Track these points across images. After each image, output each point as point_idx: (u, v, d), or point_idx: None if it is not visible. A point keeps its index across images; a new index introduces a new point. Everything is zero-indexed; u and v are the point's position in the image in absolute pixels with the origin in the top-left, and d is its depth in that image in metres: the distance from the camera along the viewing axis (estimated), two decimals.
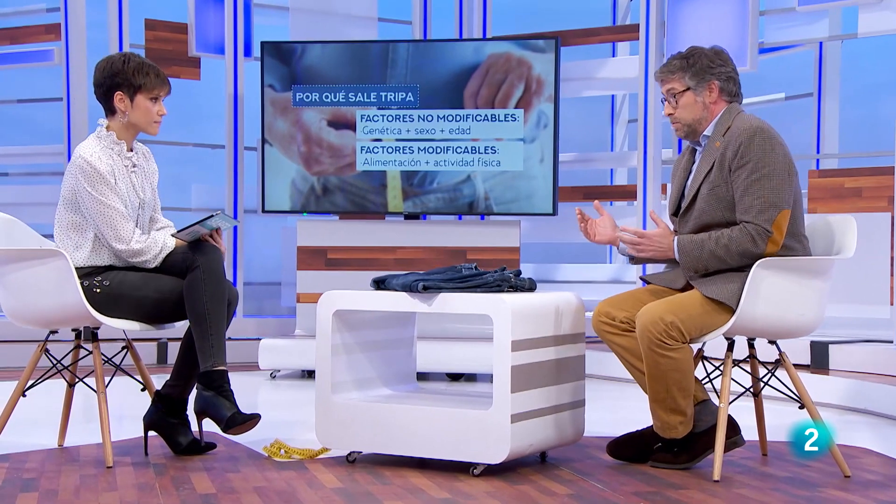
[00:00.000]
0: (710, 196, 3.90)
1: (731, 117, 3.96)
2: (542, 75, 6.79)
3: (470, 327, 6.77)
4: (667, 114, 4.05)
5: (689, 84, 3.98)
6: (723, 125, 3.95)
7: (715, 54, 4.01)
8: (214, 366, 3.93)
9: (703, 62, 3.98)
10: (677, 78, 4.00)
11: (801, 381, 3.99)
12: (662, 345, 3.77)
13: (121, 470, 3.86)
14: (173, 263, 4.02)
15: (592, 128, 9.34)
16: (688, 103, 3.99)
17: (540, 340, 3.87)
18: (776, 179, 3.82)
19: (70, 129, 7.82)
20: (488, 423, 3.74)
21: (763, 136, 3.85)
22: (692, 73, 3.98)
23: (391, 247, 7.00)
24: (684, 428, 3.91)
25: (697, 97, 3.98)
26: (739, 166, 3.84)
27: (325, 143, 7.00)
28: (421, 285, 3.83)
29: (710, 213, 3.90)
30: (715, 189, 3.89)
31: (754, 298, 3.76)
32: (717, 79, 3.98)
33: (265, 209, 7.17)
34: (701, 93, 3.97)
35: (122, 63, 4.05)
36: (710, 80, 3.97)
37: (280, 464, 3.99)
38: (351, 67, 6.94)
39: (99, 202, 3.94)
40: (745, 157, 3.83)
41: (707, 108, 3.98)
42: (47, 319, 4.02)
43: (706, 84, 3.97)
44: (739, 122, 3.92)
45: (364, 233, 7.03)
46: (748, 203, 3.81)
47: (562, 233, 8.15)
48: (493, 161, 6.85)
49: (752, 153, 3.82)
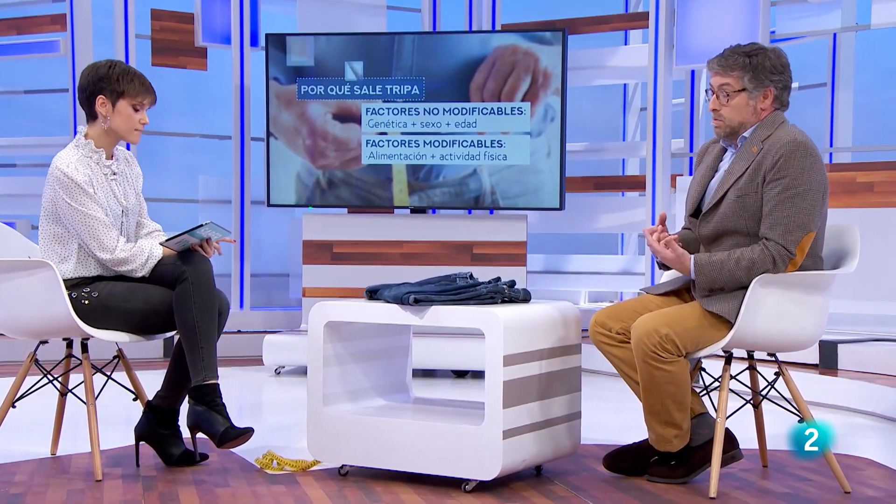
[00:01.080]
0: (737, 203, 3.75)
1: (774, 125, 3.79)
2: (549, 68, 6.69)
3: None
4: (712, 108, 3.85)
5: (746, 85, 3.78)
6: (763, 131, 3.79)
7: (777, 58, 3.80)
8: (205, 380, 3.87)
9: (766, 64, 3.77)
10: (736, 76, 3.78)
11: (801, 395, 3.91)
12: (657, 357, 3.69)
13: (109, 484, 3.82)
14: (162, 273, 3.96)
15: (605, 116, 9.23)
16: (739, 104, 3.79)
17: (534, 354, 3.79)
18: (809, 199, 3.67)
19: (76, 119, 7.77)
20: (480, 439, 3.67)
21: (805, 153, 3.68)
22: (753, 75, 3.77)
23: (397, 241, 6.93)
24: (680, 441, 3.83)
25: (751, 100, 3.79)
26: (775, 178, 3.68)
27: (330, 137, 6.93)
28: (412, 298, 3.76)
29: (734, 220, 3.76)
30: (743, 197, 3.74)
31: (753, 314, 3.67)
32: (775, 86, 3.79)
33: (270, 203, 7.12)
34: (756, 97, 3.79)
35: (108, 68, 3.99)
36: (769, 87, 3.79)
37: (271, 477, 3.93)
38: (356, 60, 6.86)
39: (79, 212, 3.88)
40: (782, 170, 3.67)
41: (757, 113, 3.81)
42: (36, 330, 3.97)
43: (763, 89, 3.78)
44: (783, 132, 3.75)
45: (370, 227, 6.97)
46: (777, 219, 3.66)
47: (571, 224, 8.06)
48: (499, 155, 6.76)
49: (790, 168, 3.67)
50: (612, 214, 8.15)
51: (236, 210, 7.92)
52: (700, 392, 3.96)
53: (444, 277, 4.01)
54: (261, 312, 7.93)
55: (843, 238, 3.90)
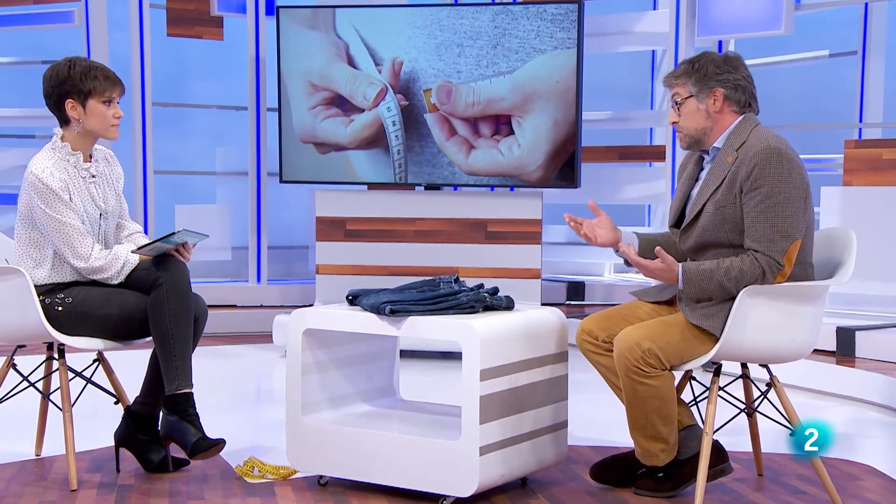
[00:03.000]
0: (716, 215, 3.61)
1: (746, 131, 3.64)
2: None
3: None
4: (671, 122, 3.76)
5: (691, 91, 3.67)
6: (736, 138, 3.64)
7: (724, 60, 3.68)
8: (178, 389, 3.80)
9: (708, 68, 3.65)
10: (681, 83, 3.70)
11: (794, 408, 3.76)
12: (639, 372, 3.55)
13: (84, 494, 3.77)
14: (137, 279, 3.87)
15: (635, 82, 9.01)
16: (690, 111, 3.68)
17: (514, 365, 3.67)
18: (791, 207, 3.51)
19: None
20: (456, 455, 3.56)
21: (780, 159, 3.52)
22: (695, 80, 3.67)
23: (410, 218, 6.80)
24: (667, 455, 3.71)
25: (700, 104, 3.67)
26: (753, 188, 3.52)
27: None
28: (388, 308, 3.65)
29: (714, 232, 3.62)
30: (721, 209, 3.59)
31: (741, 326, 3.52)
32: (722, 86, 3.65)
33: (283, 179, 7.01)
34: (703, 100, 3.66)
35: (68, 69, 3.87)
36: (714, 88, 3.65)
37: (247, 488, 3.86)
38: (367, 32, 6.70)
39: (53, 219, 3.80)
40: (759, 179, 3.52)
41: (711, 117, 3.67)
42: (11, 336, 3.91)
43: (709, 91, 3.65)
44: (755, 138, 3.59)
45: (383, 204, 6.84)
46: (760, 230, 3.51)
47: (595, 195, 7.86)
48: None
49: (767, 177, 3.51)
50: (637, 185, 7.98)
51: (253, 182, 7.83)
52: (689, 403, 3.82)
53: (428, 282, 3.90)
54: (277, 287, 7.87)
55: (839, 244, 3.72)
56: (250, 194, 7.82)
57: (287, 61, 6.88)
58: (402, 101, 6.70)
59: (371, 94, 6.74)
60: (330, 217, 6.90)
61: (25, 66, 8.51)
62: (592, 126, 7.85)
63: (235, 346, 6.97)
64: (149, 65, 7.63)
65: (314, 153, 6.90)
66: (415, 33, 6.65)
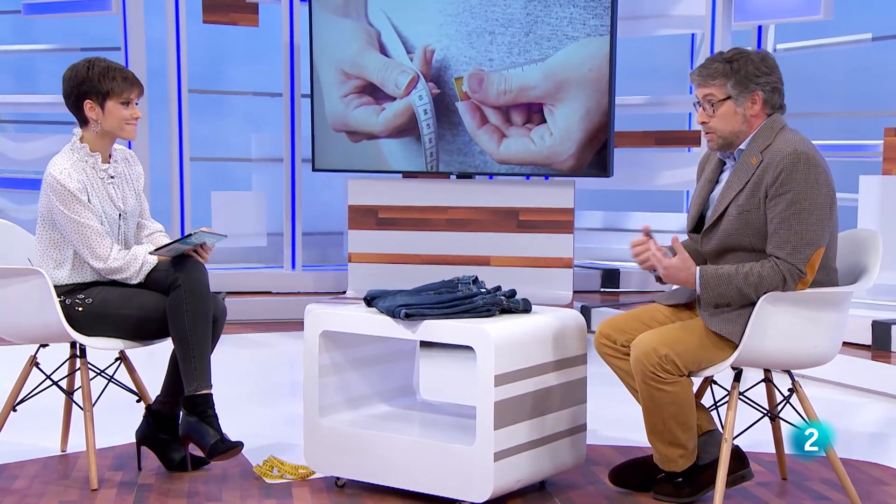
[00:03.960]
0: (739, 220, 3.51)
1: (772, 133, 3.53)
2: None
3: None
4: (700, 122, 3.61)
5: (730, 93, 3.54)
6: (762, 141, 3.53)
7: (761, 60, 3.54)
8: (197, 390, 3.79)
9: (748, 69, 3.52)
10: (718, 84, 3.54)
11: (816, 413, 3.69)
12: (656, 378, 3.50)
13: (103, 493, 3.78)
14: (156, 280, 3.87)
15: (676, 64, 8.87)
16: (727, 114, 3.55)
17: (531, 370, 3.63)
18: (816, 214, 3.41)
19: None
20: (471, 461, 3.53)
21: (808, 165, 3.41)
22: (736, 81, 3.52)
23: (442, 206, 6.77)
24: (685, 461, 3.65)
25: (738, 108, 3.54)
26: (778, 194, 3.42)
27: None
28: (403, 312, 3.62)
29: (737, 237, 3.53)
30: (745, 213, 3.50)
31: (761, 333, 3.45)
32: (762, 89, 3.53)
33: (316, 167, 7.00)
34: (743, 103, 3.54)
35: (87, 70, 3.87)
36: (755, 91, 3.53)
37: (265, 489, 3.85)
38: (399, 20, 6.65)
39: (73, 221, 3.81)
40: (785, 185, 3.42)
41: (747, 120, 3.55)
42: (32, 336, 3.93)
43: (749, 94, 3.53)
44: (782, 142, 3.49)
45: (415, 192, 6.81)
46: (784, 237, 3.42)
47: (631, 180, 7.79)
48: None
49: (793, 183, 3.41)
50: (674, 171, 7.86)
51: (287, 169, 7.82)
52: (709, 407, 3.76)
53: (446, 283, 3.86)
54: (311, 273, 7.87)
55: (865, 248, 3.64)
56: (285, 181, 7.81)
57: (319, 49, 6.85)
58: (433, 90, 6.65)
59: (403, 82, 6.69)
60: (362, 205, 6.88)
61: (65, 52, 8.56)
62: (629, 111, 7.75)
63: (267, 335, 6.98)
64: (185, 52, 7.63)
65: (346, 141, 6.87)
66: (446, 21, 6.59)
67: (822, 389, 5.43)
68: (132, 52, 7.68)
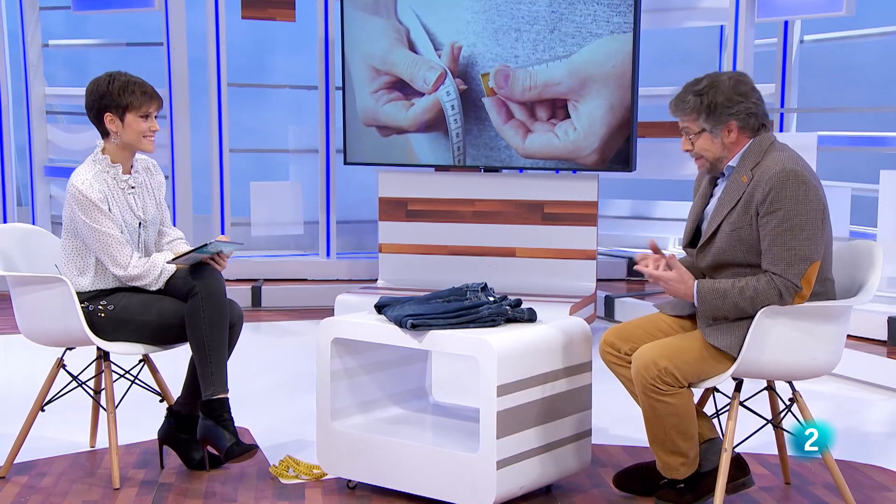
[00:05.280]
0: (732, 236, 3.45)
1: (761, 150, 3.46)
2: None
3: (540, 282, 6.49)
4: (684, 150, 3.58)
5: (704, 126, 3.48)
6: (751, 158, 3.46)
7: (733, 88, 3.46)
8: (214, 395, 3.79)
9: (718, 100, 3.44)
10: (692, 119, 3.49)
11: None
12: (656, 390, 3.44)
13: (124, 493, 3.80)
14: (175, 287, 3.87)
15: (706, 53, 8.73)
16: (705, 145, 3.51)
17: (535, 379, 3.58)
18: (808, 230, 3.35)
19: (171, 73, 7.73)
20: (474, 468, 3.50)
21: (797, 182, 3.35)
22: (707, 115, 3.46)
23: (469, 199, 6.72)
24: (687, 469, 3.60)
25: (714, 139, 3.49)
26: (769, 212, 3.36)
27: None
28: (409, 323, 3.58)
29: (731, 253, 3.47)
30: (737, 230, 3.44)
31: (759, 347, 3.38)
32: (735, 118, 3.46)
33: (347, 161, 6.97)
34: (718, 134, 3.48)
35: (108, 84, 3.86)
36: (728, 121, 3.47)
37: (279, 489, 3.85)
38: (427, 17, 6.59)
39: (94, 230, 3.81)
40: (775, 203, 3.35)
41: (727, 147, 3.49)
42: (56, 340, 3.95)
43: (723, 126, 3.47)
44: (771, 160, 3.42)
45: (443, 185, 6.76)
46: (777, 254, 3.35)
47: (659, 170, 7.67)
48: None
49: (783, 200, 3.34)
50: None
51: (322, 160, 7.81)
52: (711, 415, 3.70)
53: (455, 291, 3.82)
54: (345, 261, 7.86)
55: (863, 260, 3.55)
56: (320, 172, 7.80)
57: (351, 46, 6.81)
58: (460, 86, 6.59)
59: (431, 78, 6.64)
60: (392, 197, 6.85)
61: (112, 47, 8.60)
62: (654, 101, 7.63)
63: (300, 323, 6.98)
64: (224, 47, 7.62)
65: (377, 136, 6.84)
66: (473, 18, 6.52)
67: (836, 385, 5.33)
68: (174, 47, 7.68)
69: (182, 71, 7.71)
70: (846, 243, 3.66)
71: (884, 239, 6.04)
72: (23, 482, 3.92)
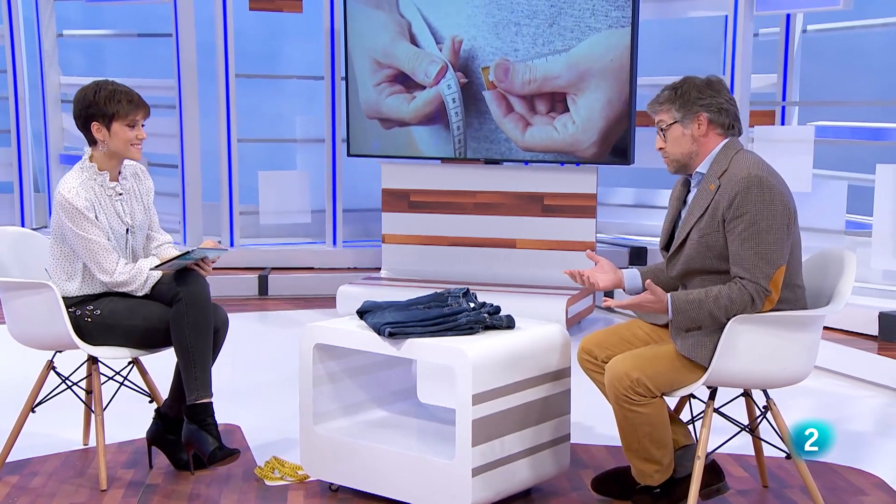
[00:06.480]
0: (700, 244, 3.43)
1: (728, 157, 3.45)
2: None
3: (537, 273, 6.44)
4: (658, 148, 3.57)
5: (676, 117, 3.49)
6: (719, 166, 3.45)
7: (706, 85, 3.49)
8: (198, 399, 3.78)
9: (691, 93, 3.48)
10: (665, 110, 3.52)
11: (790, 432, 3.56)
12: (629, 400, 3.41)
13: (111, 494, 3.80)
14: (160, 292, 3.86)
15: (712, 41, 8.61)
16: (676, 137, 3.51)
17: (511, 386, 3.55)
18: (774, 233, 3.32)
19: (180, 64, 7.71)
20: (450, 475, 3.48)
21: (761, 187, 3.33)
22: (679, 105, 3.49)
23: (471, 191, 6.68)
24: (661, 476, 3.56)
25: (685, 130, 3.49)
26: (735, 217, 3.34)
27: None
28: (387, 331, 3.55)
29: (699, 260, 3.45)
30: (705, 237, 3.42)
31: (729, 356, 3.34)
32: (706, 110, 3.47)
33: (350, 153, 6.94)
34: (689, 125, 3.48)
35: (94, 93, 3.83)
36: (698, 113, 3.47)
37: (263, 492, 3.84)
38: (429, 11, 6.52)
39: (80, 237, 3.80)
40: (741, 208, 3.33)
41: (697, 141, 3.49)
42: (45, 344, 3.95)
43: (693, 116, 3.47)
44: (736, 166, 3.40)
45: (445, 177, 6.73)
46: (745, 258, 3.33)
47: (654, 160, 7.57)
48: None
49: (748, 205, 3.32)
50: None
51: (328, 150, 7.78)
52: (687, 422, 3.66)
53: (436, 296, 3.78)
54: (351, 250, 7.85)
55: (837, 268, 3.50)
56: (326, 161, 7.78)
57: (354, 39, 6.77)
58: (461, 79, 6.53)
59: (432, 71, 6.58)
60: (395, 189, 6.82)
61: (123, 38, 8.58)
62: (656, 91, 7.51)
63: (304, 312, 6.97)
64: (231, 36, 7.58)
65: (379, 128, 6.80)
66: (474, 12, 6.45)
67: (827, 380, 5.27)
68: (182, 37, 7.66)
69: (191, 60, 7.69)
70: (819, 252, 3.61)
71: (879, 232, 5.96)
72: (13, 482, 3.93)
